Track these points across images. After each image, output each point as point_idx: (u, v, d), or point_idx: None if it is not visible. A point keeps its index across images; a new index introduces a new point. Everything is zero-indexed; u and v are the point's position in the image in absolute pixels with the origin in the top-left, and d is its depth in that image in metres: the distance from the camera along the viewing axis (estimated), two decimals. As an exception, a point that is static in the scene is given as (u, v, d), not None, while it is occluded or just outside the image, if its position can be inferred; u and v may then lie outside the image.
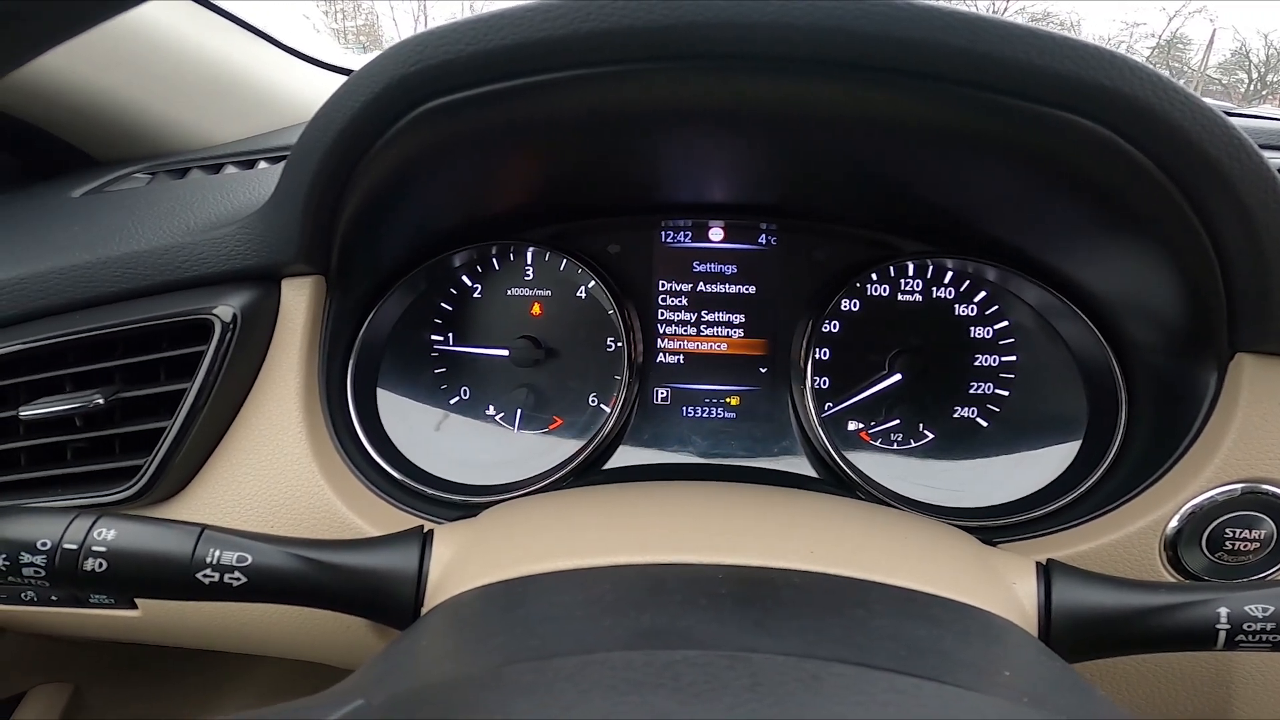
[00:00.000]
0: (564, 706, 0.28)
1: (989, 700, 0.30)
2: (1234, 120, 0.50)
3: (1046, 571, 0.51)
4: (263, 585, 0.49)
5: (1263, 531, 0.59)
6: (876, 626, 0.38)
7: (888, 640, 0.36)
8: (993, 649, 0.39)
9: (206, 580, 0.48)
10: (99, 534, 0.47)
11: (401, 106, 0.54)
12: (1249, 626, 0.45)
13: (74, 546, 0.47)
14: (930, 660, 0.34)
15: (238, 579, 0.49)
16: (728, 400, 0.82)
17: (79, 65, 0.86)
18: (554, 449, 0.78)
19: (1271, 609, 0.45)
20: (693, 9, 0.48)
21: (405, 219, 0.72)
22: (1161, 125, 0.49)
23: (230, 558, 0.48)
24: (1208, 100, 0.50)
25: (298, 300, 0.66)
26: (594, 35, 0.49)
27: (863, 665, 0.31)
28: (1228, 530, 0.59)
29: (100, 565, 0.47)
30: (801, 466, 0.78)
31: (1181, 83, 0.49)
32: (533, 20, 0.49)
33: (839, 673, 0.30)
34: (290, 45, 1.08)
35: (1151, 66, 0.48)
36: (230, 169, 0.89)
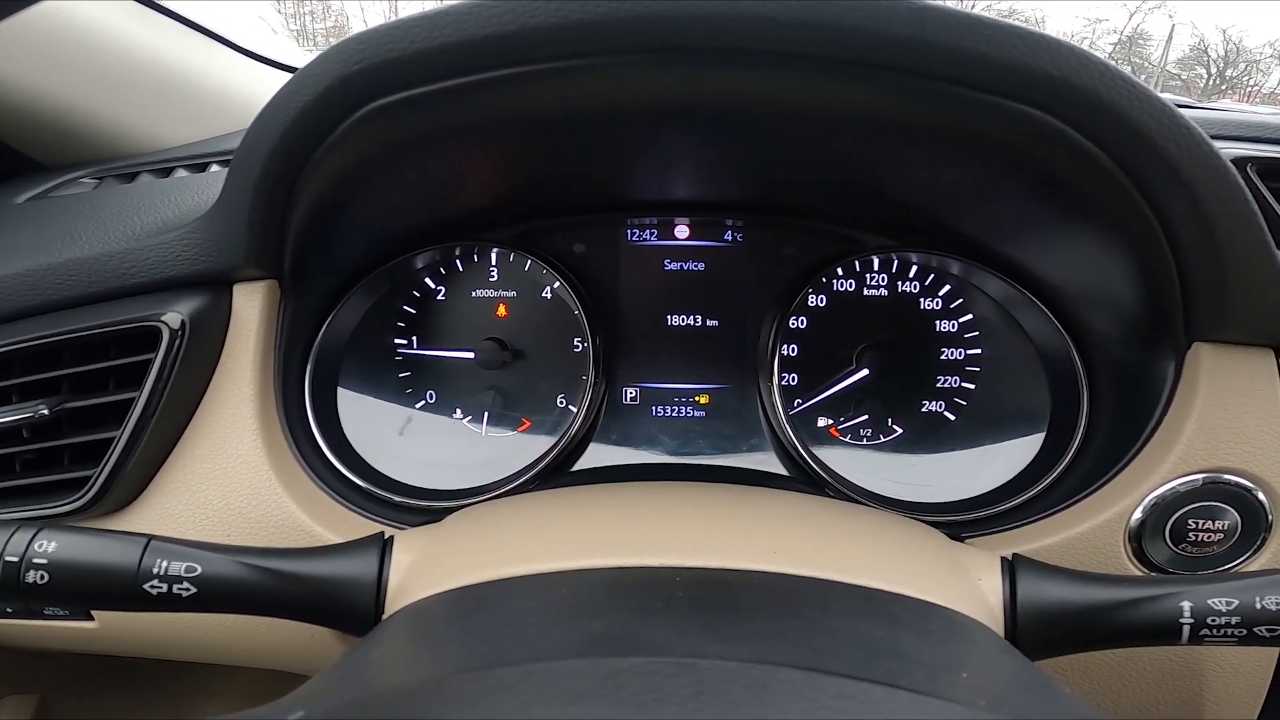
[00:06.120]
0: (501, 718, 0.27)
1: (941, 705, 0.29)
2: (1191, 113, 0.50)
3: (1011, 567, 0.51)
4: (213, 595, 0.48)
5: (1226, 522, 0.59)
6: (833, 628, 0.37)
7: (844, 642, 0.35)
8: (953, 648, 0.38)
9: (154, 591, 0.47)
10: (40, 546, 0.46)
11: (347, 106, 0.53)
12: (1213, 620, 0.44)
13: (15, 559, 0.46)
14: (887, 662, 0.34)
15: (187, 589, 0.48)
16: (697, 399, 0.81)
17: (21, 68, 0.83)
18: (522, 451, 0.77)
19: (1235, 602, 0.44)
20: (639, 3, 0.47)
21: (362, 221, 0.71)
22: (1108, 113, 0.49)
23: (179, 568, 0.47)
24: (1166, 96, 0.50)
25: (250, 305, 0.65)
26: (540, 30, 0.48)
27: (812, 670, 0.30)
28: (1190, 521, 0.59)
29: (42, 578, 0.46)
30: (771, 464, 0.77)
31: (1142, 78, 0.49)
32: (478, 16, 0.48)
33: (787, 679, 0.29)
34: (245, 46, 1.06)
35: (1099, 55, 0.48)
36: (181, 172, 0.87)
